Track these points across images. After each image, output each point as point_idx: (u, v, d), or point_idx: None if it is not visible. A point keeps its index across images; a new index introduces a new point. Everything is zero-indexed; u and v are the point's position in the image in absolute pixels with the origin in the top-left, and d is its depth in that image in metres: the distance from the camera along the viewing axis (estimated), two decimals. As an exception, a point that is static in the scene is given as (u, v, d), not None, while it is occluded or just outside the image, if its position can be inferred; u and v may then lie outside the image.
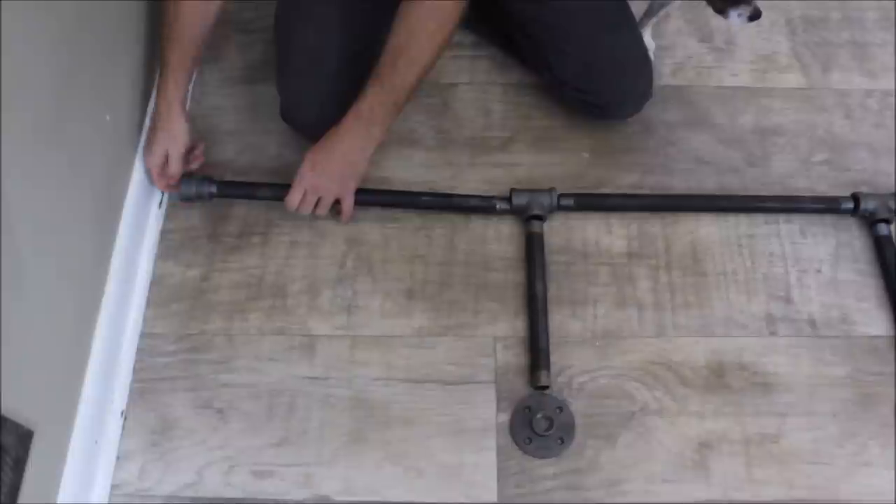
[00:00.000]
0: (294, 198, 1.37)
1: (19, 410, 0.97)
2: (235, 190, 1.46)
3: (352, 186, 1.39)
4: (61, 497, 1.10)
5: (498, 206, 1.44)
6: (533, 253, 1.41)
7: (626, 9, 1.51)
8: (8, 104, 0.92)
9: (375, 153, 1.47)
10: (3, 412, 0.93)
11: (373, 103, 1.32)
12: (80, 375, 1.17)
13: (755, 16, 1.31)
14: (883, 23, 1.76)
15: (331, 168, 1.36)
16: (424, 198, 1.47)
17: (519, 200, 1.44)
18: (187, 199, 1.43)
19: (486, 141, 1.56)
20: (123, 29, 1.34)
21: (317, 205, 1.38)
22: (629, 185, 1.52)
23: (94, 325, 1.22)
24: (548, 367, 1.30)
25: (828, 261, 1.45)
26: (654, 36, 1.67)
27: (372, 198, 1.45)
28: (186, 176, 1.42)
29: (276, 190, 1.41)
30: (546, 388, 1.29)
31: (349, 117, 1.34)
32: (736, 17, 1.31)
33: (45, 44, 1.05)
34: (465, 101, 1.62)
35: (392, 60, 1.31)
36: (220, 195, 1.44)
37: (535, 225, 1.43)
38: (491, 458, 1.25)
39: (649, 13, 1.61)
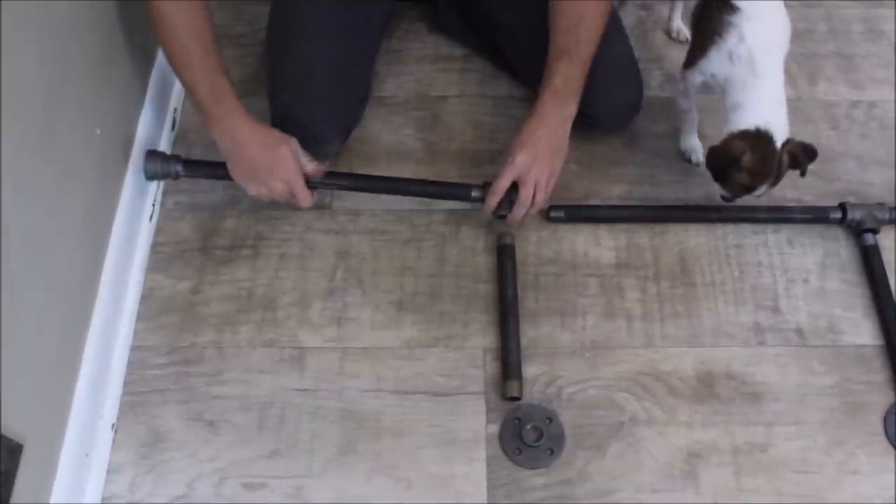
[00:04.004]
0: (501, 185, 1.35)
1: (9, 424, 0.97)
2: (203, 169, 1.44)
3: (559, 164, 1.38)
4: (51, 510, 1.10)
5: (474, 194, 1.43)
6: (504, 263, 1.42)
7: (616, 18, 1.53)
8: (-3, 119, 0.93)
9: (366, 165, 1.49)
10: (-8, 425, 0.93)
11: (566, 77, 1.34)
12: (70, 388, 1.17)
13: None
14: (868, 34, 1.78)
15: (541, 148, 1.34)
16: (401, 184, 1.46)
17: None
18: (152, 178, 1.43)
19: (476, 153, 1.57)
20: (113, 43, 1.34)
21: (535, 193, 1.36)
22: (618, 197, 1.53)
23: (84, 338, 1.22)
24: (518, 378, 1.30)
25: (815, 270, 1.46)
26: (642, 48, 1.69)
27: (349, 182, 1.45)
28: (150, 153, 1.42)
29: None
30: (517, 399, 1.30)
31: (546, 96, 1.35)
32: None
33: (35, 57, 1.06)
34: (454, 113, 1.63)
35: (574, 34, 1.35)
36: (188, 175, 1.44)
37: (506, 236, 1.44)
38: (481, 468, 1.26)
39: None
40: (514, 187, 1.35)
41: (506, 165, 1.34)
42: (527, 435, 1.27)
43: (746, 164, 1.30)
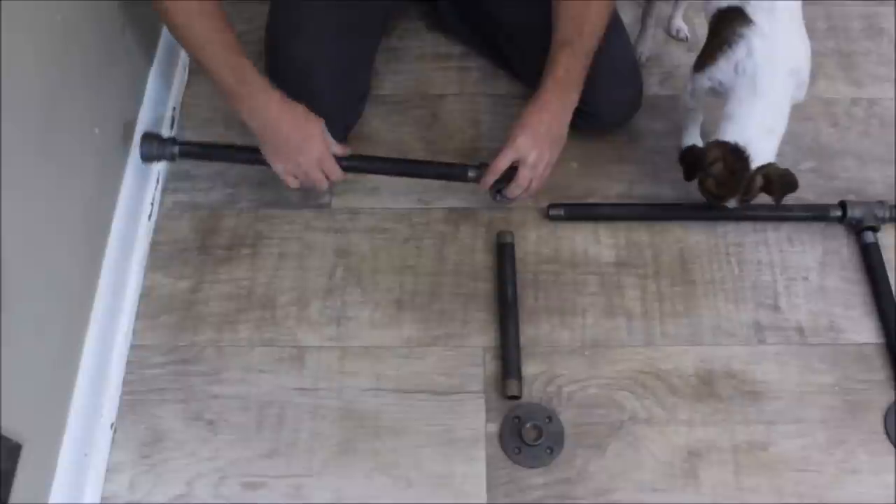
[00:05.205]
0: (500, 165, 1.35)
1: (8, 423, 0.97)
2: (198, 150, 1.45)
3: (557, 153, 1.38)
4: (50, 510, 1.09)
5: (470, 174, 1.43)
6: (503, 261, 1.42)
7: (617, 17, 1.52)
8: (-5, 118, 0.93)
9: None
10: (-9, 426, 0.93)
11: (568, 67, 1.35)
12: (69, 388, 1.17)
13: None
14: (868, 31, 1.78)
15: (542, 133, 1.35)
16: (397, 164, 1.46)
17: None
18: (148, 160, 1.42)
19: (475, 152, 1.57)
20: (112, 42, 1.34)
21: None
22: (617, 195, 1.53)
23: (83, 338, 1.22)
24: (518, 377, 1.30)
25: (815, 268, 1.46)
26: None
27: (346, 164, 1.43)
28: (147, 136, 1.41)
29: (240, 152, 1.38)
30: (517, 397, 1.30)
31: (548, 84, 1.35)
32: None
33: (34, 57, 1.06)
34: (453, 112, 1.63)
35: (577, 26, 1.36)
36: (183, 155, 1.43)
37: (506, 235, 1.44)
38: (480, 468, 1.25)
39: None
40: (511, 168, 1.36)
41: (506, 146, 1.34)
42: (526, 434, 1.27)
43: (714, 174, 1.33)
